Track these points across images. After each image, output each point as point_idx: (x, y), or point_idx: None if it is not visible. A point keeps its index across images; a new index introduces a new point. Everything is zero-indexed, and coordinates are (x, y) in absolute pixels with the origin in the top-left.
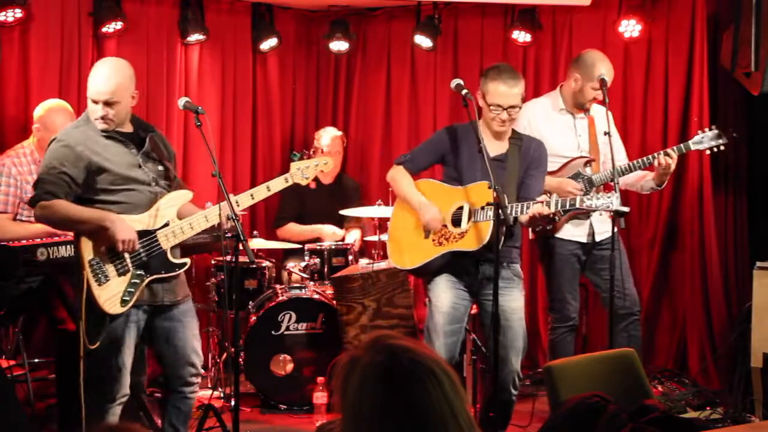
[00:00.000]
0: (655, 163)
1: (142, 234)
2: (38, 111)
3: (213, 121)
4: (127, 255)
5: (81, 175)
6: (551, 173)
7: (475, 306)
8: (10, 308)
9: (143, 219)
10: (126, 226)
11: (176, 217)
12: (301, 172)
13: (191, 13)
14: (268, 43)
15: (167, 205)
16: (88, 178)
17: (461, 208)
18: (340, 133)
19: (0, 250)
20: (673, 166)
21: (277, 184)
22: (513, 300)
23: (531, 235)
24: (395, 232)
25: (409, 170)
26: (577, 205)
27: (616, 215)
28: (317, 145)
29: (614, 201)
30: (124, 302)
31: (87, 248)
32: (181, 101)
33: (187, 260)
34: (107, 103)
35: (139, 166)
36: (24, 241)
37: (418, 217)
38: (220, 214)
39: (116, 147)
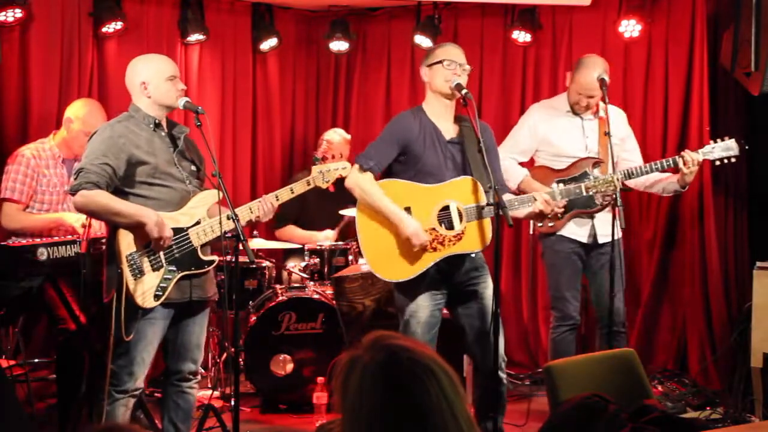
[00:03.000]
0: (680, 164)
1: (175, 231)
2: (75, 107)
3: (213, 121)
4: (161, 251)
5: (122, 166)
6: (557, 172)
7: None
8: (11, 308)
9: (176, 216)
10: (163, 223)
11: (206, 215)
12: (323, 175)
13: (191, 13)
14: (268, 43)
15: (199, 203)
16: (128, 170)
17: (445, 208)
18: (349, 136)
19: (0, 250)
20: (696, 167)
21: (299, 187)
22: (489, 286)
23: (531, 231)
24: (374, 242)
25: (375, 173)
26: (583, 193)
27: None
28: (327, 146)
29: (616, 182)
30: (157, 297)
31: (125, 242)
32: (181, 101)
33: (216, 257)
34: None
35: (175, 164)
36: (24, 241)
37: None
38: (226, 214)
39: (158, 142)
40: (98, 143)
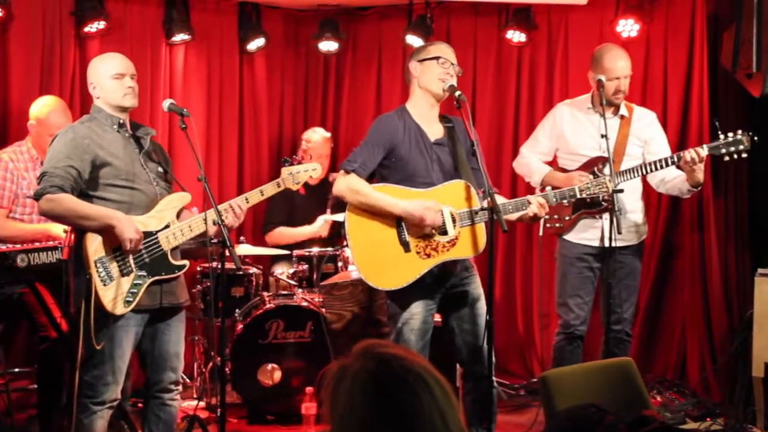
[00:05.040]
0: (681, 162)
1: (144, 235)
2: (34, 108)
3: (199, 123)
4: (130, 255)
5: (87, 168)
6: (568, 172)
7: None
8: None
9: (144, 220)
10: (133, 226)
11: (176, 218)
12: (293, 177)
13: (176, 13)
14: (256, 43)
15: (168, 206)
16: (93, 173)
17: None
18: (329, 135)
19: None
20: (694, 165)
21: (270, 189)
22: (479, 287)
23: (541, 232)
24: (365, 250)
25: (363, 176)
26: (577, 195)
27: (614, 194)
28: (306, 146)
29: (609, 184)
30: (127, 303)
31: (92, 247)
32: (166, 103)
33: (187, 262)
34: (132, 77)
35: (142, 166)
36: (4, 247)
37: (388, 230)
38: (212, 219)
39: (121, 142)
40: (61, 145)
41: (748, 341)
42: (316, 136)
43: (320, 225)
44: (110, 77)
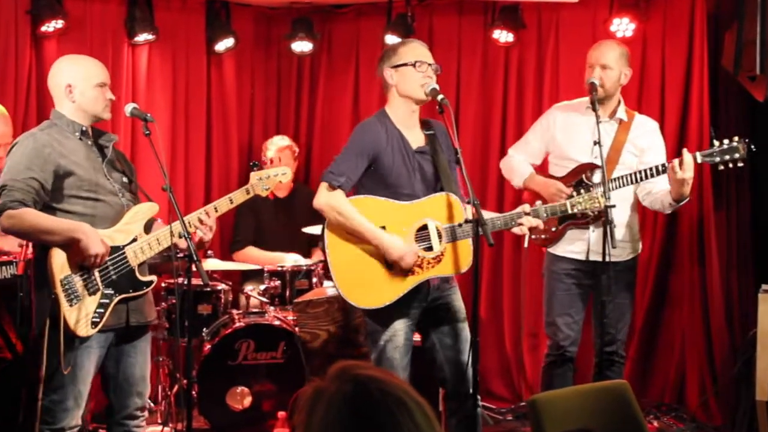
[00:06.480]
0: (669, 171)
1: (111, 250)
2: None
3: (163, 129)
4: (97, 273)
5: (49, 179)
6: (557, 179)
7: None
8: None
9: (111, 234)
10: (98, 239)
11: (143, 232)
12: (262, 182)
13: (139, 11)
14: (224, 44)
15: (135, 218)
16: (56, 183)
17: (423, 227)
18: (287, 142)
19: None
20: (684, 175)
21: (239, 196)
22: (459, 299)
23: (526, 244)
24: (345, 267)
25: (346, 191)
26: (569, 211)
27: (606, 210)
28: (264, 158)
29: (600, 199)
30: (94, 324)
31: (58, 264)
32: (128, 108)
33: (154, 277)
34: (109, 88)
35: (105, 175)
36: None
37: (369, 246)
38: (178, 232)
39: (84, 151)
40: (20, 156)
41: (752, 362)
42: (272, 147)
43: (290, 262)
44: (94, 85)
